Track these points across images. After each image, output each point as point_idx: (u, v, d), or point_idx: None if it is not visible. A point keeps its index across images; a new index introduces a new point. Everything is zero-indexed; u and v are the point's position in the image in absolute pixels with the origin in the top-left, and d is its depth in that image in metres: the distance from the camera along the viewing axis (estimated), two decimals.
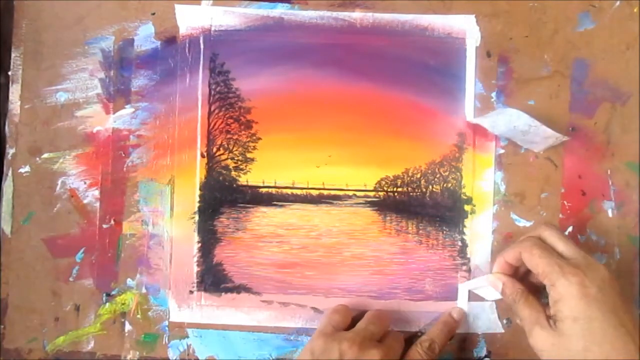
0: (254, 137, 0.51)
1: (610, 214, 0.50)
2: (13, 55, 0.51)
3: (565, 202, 0.50)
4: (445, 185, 0.51)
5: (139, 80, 0.51)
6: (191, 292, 0.51)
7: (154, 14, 0.51)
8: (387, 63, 0.51)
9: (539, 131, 0.47)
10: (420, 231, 0.51)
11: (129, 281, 0.51)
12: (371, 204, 0.51)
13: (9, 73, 0.51)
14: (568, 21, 0.51)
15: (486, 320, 0.50)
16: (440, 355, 0.48)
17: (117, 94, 0.51)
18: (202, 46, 0.51)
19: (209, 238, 0.51)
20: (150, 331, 0.51)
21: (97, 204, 0.51)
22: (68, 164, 0.51)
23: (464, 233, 0.50)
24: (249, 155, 0.51)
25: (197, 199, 0.51)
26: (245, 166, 0.51)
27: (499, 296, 0.45)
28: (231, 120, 0.51)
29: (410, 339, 0.48)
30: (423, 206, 0.51)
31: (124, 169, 0.51)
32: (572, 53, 0.51)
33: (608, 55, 0.51)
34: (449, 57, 0.51)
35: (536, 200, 0.50)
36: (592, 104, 0.51)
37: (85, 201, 0.51)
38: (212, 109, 0.51)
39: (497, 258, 0.45)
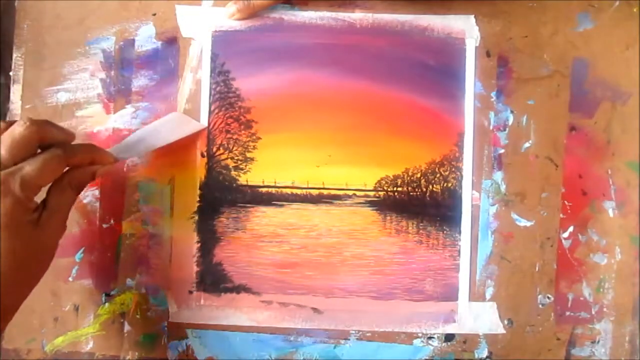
0: (254, 137, 0.51)
1: (611, 213, 0.50)
2: (14, 55, 0.51)
3: (565, 202, 0.50)
4: (445, 185, 0.51)
5: (140, 81, 0.51)
6: (190, 292, 0.50)
7: (154, 14, 0.51)
8: (387, 63, 0.51)
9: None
10: (421, 231, 0.51)
11: (129, 281, 0.51)
12: (371, 203, 0.51)
13: (10, 73, 0.51)
14: (567, 21, 0.51)
15: (487, 321, 0.50)
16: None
17: (117, 94, 0.51)
18: (202, 46, 0.51)
19: (208, 238, 0.51)
20: (149, 331, 0.50)
21: (97, 204, 0.51)
22: None
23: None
24: (248, 154, 0.51)
25: (197, 198, 0.51)
26: (245, 166, 0.51)
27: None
28: (231, 120, 0.51)
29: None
30: (423, 206, 0.51)
31: (124, 168, 0.51)
32: (572, 53, 0.51)
33: (608, 55, 0.51)
34: (448, 57, 0.51)
35: (537, 200, 0.50)
36: (592, 104, 0.51)
37: (85, 201, 0.51)
38: (212, 108, 0.51)
39: None
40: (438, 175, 0.51)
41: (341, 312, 0.50)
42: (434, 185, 0.51)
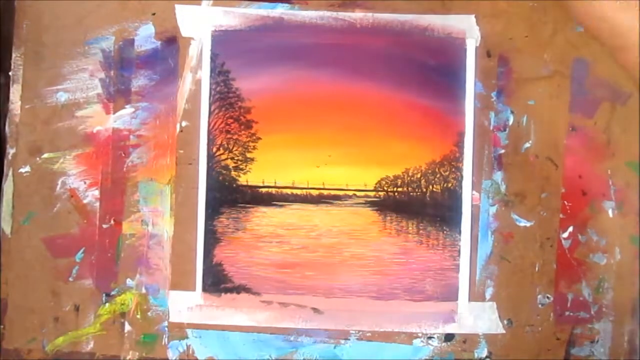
0: (254, 137, 0.51)
1: (610, 213, 0.50)
2: (14, 55, 0.51)
3: (565, 202, 0.50)
4: (445, 185, 0.51)
5: (139, 80, 0.51)
6: (190, 292, 0.50)
7: (154, 14, 0.51)
8: (387, 63, 0.51)
9: None
10: (421, 231, 0.51)
11: (129, 281, 0.51)
12: (371, 203, 0.51)
13: (10, 73, 0.51)
14: (568, 21, 0.51)
15: (487, 321, 0.50)
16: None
17: (117, 94, 0.51)
18: (202, 46, 0.51)
19: (208, 238, 0.51)
20: (149, 331, 0.50)
21: (97, 204, 0.51)
22: (68, 164, 0.51)
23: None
24: (248, 155, 0.51)
25: (197, 198, 0.51)
26: (245, 166, 0.51)
27: None
28: (231, 120, 0.51)
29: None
30: (423, 206, 0.51)
31: (124, 169, 0.51)
32: (572, 53, 0.51)
33: (608, 55, 0.50)
34: (449, 57, 0.51)
35: (536, 200, 0.50)
36: (592, 104, 0.51)
37: (85, 201, 0.51)
38: (212, 108, 0.51)
39: None
40: (438, 175, 0.51)
41: (341, 312, 0.50)
42: (434, 186, 0.51)
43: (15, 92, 0.51)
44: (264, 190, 0.51)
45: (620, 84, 0.51)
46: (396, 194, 0.51)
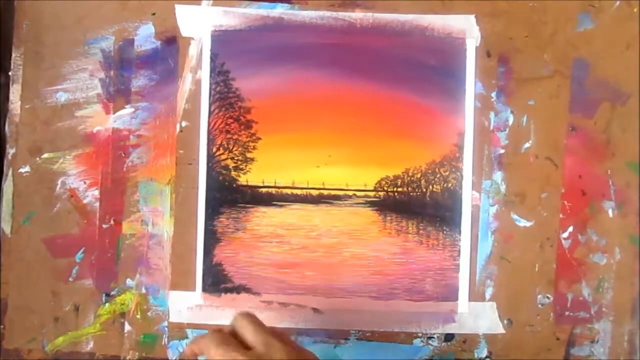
0: (254, 137, 0.51)
1: (610, 213, 0.50)
2: (14, 55, 0.51)
3: (565, 202, 0.50)
4: (445, 185, 0.51)
5: (139, 80, 0.51)
6: (190, 292, 0.50)
7: (154, 14, 0.51)
8: (387, 63, 0.51)
9: None
10: (421, 231, 0.51)
11: (129, 281, 0.51)
12: (371, 204, 0.51)
13: (10, 73, 0.51)
14: (568, 21, 0.51)
15: (487, 321, 0.50)
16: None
17: (117, 94, 0.51)
18: (202, 46, 0.51)
19: (208, 238, 0.51)
20: (149, 331, 0.50)
21: (97, 204, 0.51)
22: (68, 164, 0.51)
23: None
24: (248, 155, 0.51)
25: (197, 198, 0.51)
26: (245, 166, 0.51)
27: None
28: (231, 120, 0.51)
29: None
30: (423, 206, 0.51)
31: (124, 169, 0.51)
32: (572, 53, 0.51)
33: (608, 55, 0.51)
34: (449, 57, 0.51)
35: (536, 200, 0.50)
36: (592, 104, 0.51)
37: (85, 201, 0.51)
38: (212, 109, 0.51)
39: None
40: (438, 175, 0.51)
41: (341, 312, 0.50)
42: (434, 186, 0.51)
43: (15, 92, 0.51)
44: (264, 190, 0.51)
45: (620, 84, 0.51)
46: (396, 194, 0.51)
